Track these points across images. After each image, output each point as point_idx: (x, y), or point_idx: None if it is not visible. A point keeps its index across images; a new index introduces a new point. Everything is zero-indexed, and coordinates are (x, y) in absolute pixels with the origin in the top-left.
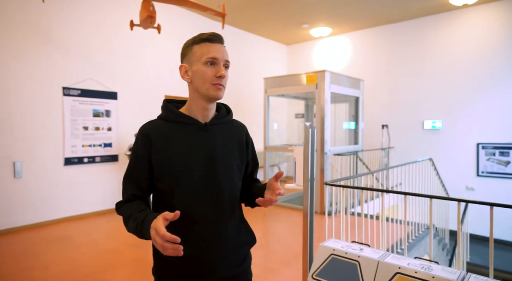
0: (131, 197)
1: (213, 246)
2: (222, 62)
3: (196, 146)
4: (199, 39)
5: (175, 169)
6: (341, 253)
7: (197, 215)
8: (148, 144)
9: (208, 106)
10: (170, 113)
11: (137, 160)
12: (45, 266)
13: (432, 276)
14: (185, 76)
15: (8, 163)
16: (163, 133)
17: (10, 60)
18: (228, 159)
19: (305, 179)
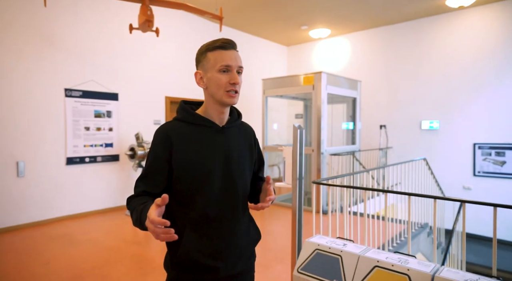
0: (141, 193)
1: (230, 243)
2: (236, 68)
3: (215, 148)
4: (213, 46)
5: (197, 170)
6: (325, 248)
7: (216, 213)
8: (168, 145)
9: (224, 110)
10: (189, 116)
11: (156, 161)
12: (46, 262)
13: (408, 269)
14: (200, 83)
15: (12, 163)
16: (184, 135)
17: (13, 62)
18: (242, 161)
19: (293, 178)
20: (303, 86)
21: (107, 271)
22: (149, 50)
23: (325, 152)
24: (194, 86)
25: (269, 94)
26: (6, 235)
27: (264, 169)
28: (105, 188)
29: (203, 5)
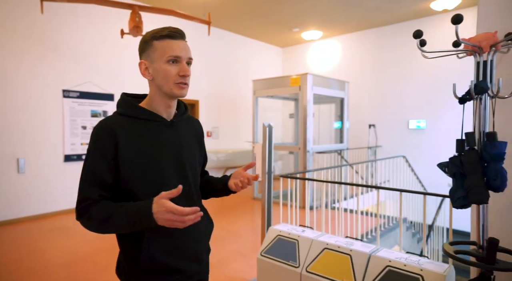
0: (97, 198)
1: (190, 239)
2: (185, 59)
3: (165, 143)
4: (160, 35)
5: (149, 172)
6: (285, 234)
7: None
8: (113, 141)
9: (171, 103)
10: (134, 109)
11: (100, 159)
12: (42, 252)
13: (350, 249)
14: (145, 73)
15: (13, 160)
16: (129, 130)
17: (14, 65)
18: (193, 155)
19: (263, 172)
20: (291, 87)
21: (97, 258)
22: None
23: (311, 150)
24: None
25: (259, 94)
26: (7, 227)
27: (206, 163)
28: None
29: (196, 9)
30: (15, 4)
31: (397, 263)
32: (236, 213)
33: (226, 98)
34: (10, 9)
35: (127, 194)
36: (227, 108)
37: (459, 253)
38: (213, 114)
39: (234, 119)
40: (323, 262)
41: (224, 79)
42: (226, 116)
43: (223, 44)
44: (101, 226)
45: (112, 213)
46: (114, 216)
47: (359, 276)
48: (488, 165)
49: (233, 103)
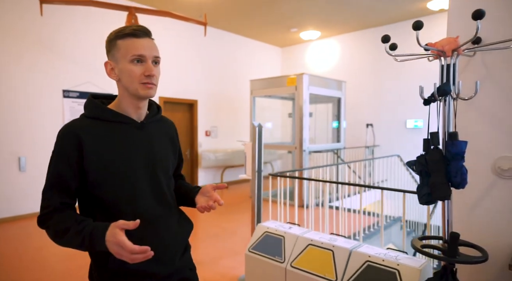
0: (59, 206)
1: (163, 242)
2: (151, 58)
3: (136, 147)
4: (123, 33)
5: (118, 171)
6: (272, 230)
7: (146, 215)
8: (78, 146)
9: (141, 104)
10: (102, 111)
11: (63, 165)
12: (40, 248)
13: (333, 245)
14: (111, 74)
15: (14, 158)
16: (96, 134)
17: (15, 66)
18: (165, 158)
19: (253, 170)
20: (287, 87)
21: None
22: None
23: (307, 149)
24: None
25: (257, 94)
26: (9, 224)
27: (182, 166)
28: None
29: (194, 9)
30: (14, 4)
31: (376, 258)
32: (232, 211)
33: (225, 97)
34: (8, 9)
35: (95, 199)
36: (226, 108)
37: (426, 247)
38: (212, 113)
39: (233, 119)
40: (307, 257)
41: (223, 79)
42: (225, 115)
43: (222, 44)
44: (57, 240)
45: (69, 228)
46: (70, 232)
47: (340, 271)
48: (450, 163)
49: (232, 102)
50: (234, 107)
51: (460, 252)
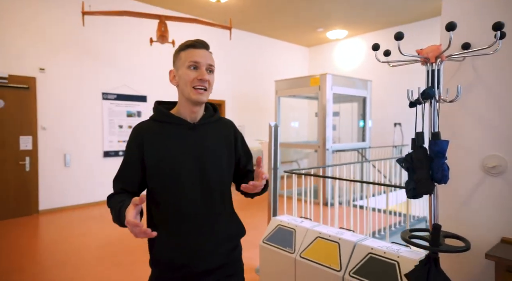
0: (118, 191)
1: (204, 240)
2: (205, 66)
3: (187, 145)
4: (185, 45)
5: (167, 167)
6: (284, 224)
7: (189, 210)
8: (140, 143)
9: (194, 108)
10: (161, 114)
11: (129, 159)
12: (82, 234)
13: (339, 238)
14: (173, 81)
15: (60, 155)
16: (155, 133)
17: (62, 72)
18: (218, 157)
19: (269, 168)
20: (311, 87)
21: (126, 242)
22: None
23: (330, 148)
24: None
25: (281, 94)
26: (54, 214)
27: (252, 162)
28: None
29: (221, 13)
30: (59, 16)
31: (378, 250)
32: (255, 207)
33: (252, 97)
34: (55, 20)
35: (150, 190)
36: (252, 107)
37: (413, 237)
38: (239, 113)
39: (259, 118)
40: (315, 249)
41: (250, 80)
42: (251, 115)
43: (249, 45)
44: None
45: (113, 206)
46: (113, 209)
47: (344, 261)
48: (433, 160)
49: (258, 102)
50: (260, 107)
51: (444, 243)
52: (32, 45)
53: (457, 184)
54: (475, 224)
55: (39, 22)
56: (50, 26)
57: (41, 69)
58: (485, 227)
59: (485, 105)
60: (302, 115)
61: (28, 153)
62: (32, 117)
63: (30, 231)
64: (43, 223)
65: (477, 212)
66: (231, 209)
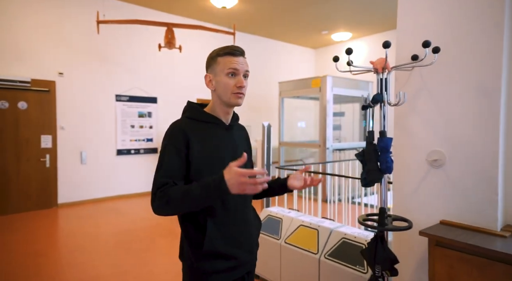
0: (172, 183)
1: (243, 230)
2: (242, 72)
3: (225, 143)
4: (224, 52)
5: (213, 163)
6: (273, 214)
7: (231, 203)
8: (185, 139)
9: (229, 110)
10: (200, 114)
11: (175, 154)
12: (98, 226)
13: (318, 226)
14: (209, 85)
15: (77, 153)
16: (197, 131)
17: (78, 76)
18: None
19: (262, 164)
20: (312, 88)
21: (139, 232)
22: (180, 61)
23: (330, 147)
24: None
25: (285, 95)
26: (72, 207)
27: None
28: (146, 174)
29: (228, 19)
30: (76, 24)
31: (350, 235)
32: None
33: (259, 98)
34: (72, 28)
35: None
36: (260, 108)
37: (366, 220)
38: (247, 113)
39: (267, 118)
40: (297, 235)
41: (258, 81)
42: (259, 115)
43: (257, 48)
44: (179, 204)
45: (188, 189)
46: (191, 191)
47: (321, 245)
48: (380, 154)
49: (266, 103)
50: (268, 107)
51: (392, 224)
52: (52, 51)
53: (408, 175)
54: (420, 209)
55: (58, 30)
56: (68, 34)
57: (60, 73)
58: (428, 211)
59: (429, 108)
60: (308, 115)
61: (48, 151)
62: (52, 117)
63: (50, 222)
64: (62, 215)
65: (422, 199)
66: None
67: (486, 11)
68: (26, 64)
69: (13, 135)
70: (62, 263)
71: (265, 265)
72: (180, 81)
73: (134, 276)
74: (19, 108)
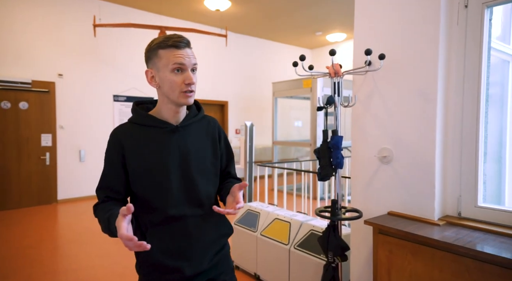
0: (104, 199)
1: (193, 241)
2: (190, 67)
3: (170, 148)
4: (166, 44)
5: (151, 173)
6: (252, 208)
7: (176, 213)
8: (120, 148)
9: (178, 109)
10: (140, 117)
11: (110, 166)
12: (94, 220)
13: (291, 219)
14: (152, 82)
15: (76, 151)
16: (135, 137)
17: (76, 77)
18: (202, 158)
19: (245, 160)
20: (304, 88)
21: None
22: None
23: None
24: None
25: (278, 95)
26: (71, 203)
27: (234, 163)
28: None
29: (222, 20)
30: (74, 28)
31: (318, 227)
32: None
33: (255, 98)
34: (71, 31)
35: (134, 195)
36: (254, 108)
37: (322, 212)
38: (242, 113)
39: (261, 118)
40: (272, 228)
41: (254, 81)
42: (254, 115)
43: (253, 49)
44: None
45: (101, 217)
46: (101, 220)
47: (292, 237)
48: (332, 151)
49: (262, 103)
50: (263, 107)
51: (344, 215)
52: (51, 54)
53: (363, 170)
54: (373, 201)
55: (57, 34)
56: (67, 37)
57: (60, 75)
58: (379, 203)
59: (380, 109)
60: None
61: (48, 149)
62: (52, 117)
63: (50, 217)
64: (61, 210)
65: (374, 192)
66: None
67: (424, 25)
68: (27, 66)
69: (14, 134)
70: (57, 254)
71: (243, 256)
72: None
73: (123, 265)
74: (20, 108)
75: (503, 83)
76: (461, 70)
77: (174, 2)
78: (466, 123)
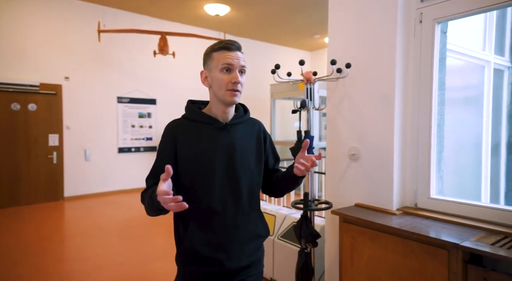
0: (152, 185)
1: (232, 236)
2: (238, 68)
3: (218, 144)
4: (218, 47)
5: (198, 165)
6: None
7: (219, 207)
8: (174, 141)
9: (226, 109)
10: (194, 114)
11: (163, 156)
12: (99, 216)
13: (276, 212)
14: (205, 82)
15: (81, 150)
16: (188, 132)
17: (83, 79)
18: (246, 156)
19: None
20: (300, 90)
21: (134, 222)
22: (177, 65)
23: (316, 146)
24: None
25: (276, 97)
26: (77, 201)
27: (279, 163)
28: (145, 171)
29: (222, 25)
30: (80, 33)
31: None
32: None
33: (257, 100)
34: (77, 37)
35: (183, 185)
36: (255, 109)
37: (296, 203)
38: None
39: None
40: None
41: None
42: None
43: (254, 51)
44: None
45: (144, 197)
46: (146, 198)
47: (276, 229)
48: None
49: (262, 104)
50: (262, 108)
51: (316, 206)
52: (58, 58)
53: (336, 167)
54: (343, 194)
55: (64, 39)
56: (73, 42)
57: (66, 77)
58: (348, 196)
59: (349, 112)
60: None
61: (55, 149)
62: (59, 118)
63: (57, 213)
64: (68, 207)
65: (344, 186)
66: (259, 210)
67: (385, 37)
68: (35, 69)
69: (23, 134)
70: (64, 245)
71: None
72: (177, 84)
73: (124, 255)
74: (29, 109)
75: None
76: (417, 76)
77: (175, 8)
78: (421, 124)
